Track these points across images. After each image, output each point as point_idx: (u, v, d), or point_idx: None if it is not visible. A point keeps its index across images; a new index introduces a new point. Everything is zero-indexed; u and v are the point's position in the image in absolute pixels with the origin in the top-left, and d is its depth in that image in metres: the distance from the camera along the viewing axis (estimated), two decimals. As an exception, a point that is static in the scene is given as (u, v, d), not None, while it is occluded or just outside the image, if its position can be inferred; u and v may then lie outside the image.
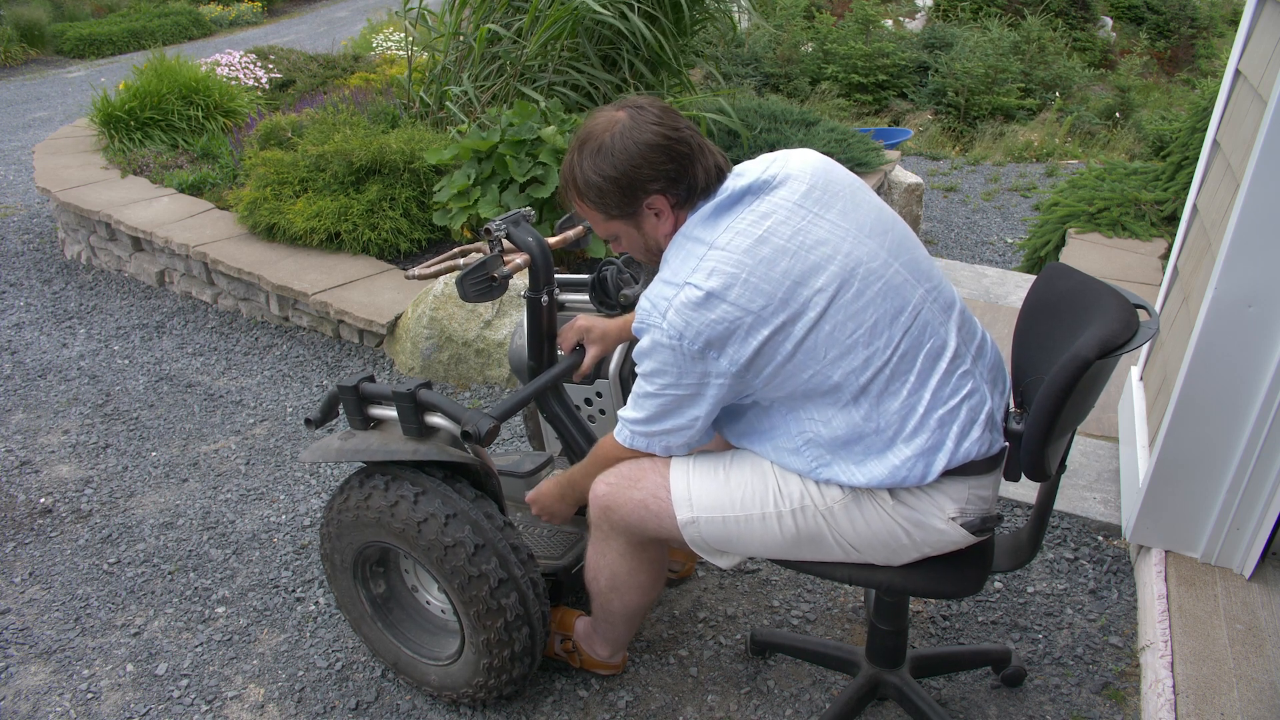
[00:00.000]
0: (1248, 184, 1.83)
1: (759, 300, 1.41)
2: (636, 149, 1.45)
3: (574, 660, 2.01)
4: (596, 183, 1.48)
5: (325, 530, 1.91)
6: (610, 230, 1.56)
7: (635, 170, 1.46)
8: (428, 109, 4.80)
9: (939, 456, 1.45)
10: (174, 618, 2.31)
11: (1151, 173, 4.67)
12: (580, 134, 1.50)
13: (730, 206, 1.48)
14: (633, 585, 1.75)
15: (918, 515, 1.49)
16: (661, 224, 1.52)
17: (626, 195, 1.48)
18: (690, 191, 1.48)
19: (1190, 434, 2.06)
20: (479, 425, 1.66)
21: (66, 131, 5.84)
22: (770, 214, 1.46)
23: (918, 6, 11.02)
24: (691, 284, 1.42)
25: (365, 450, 1.76)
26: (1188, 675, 1.88)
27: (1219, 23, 11.82)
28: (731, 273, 1.41)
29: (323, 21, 13.47)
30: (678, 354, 1.44)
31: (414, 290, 3.62)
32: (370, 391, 1.79)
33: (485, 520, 1.75)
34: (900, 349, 1.44)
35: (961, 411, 1.46)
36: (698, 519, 1.58)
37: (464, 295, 1.78)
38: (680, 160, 1.46)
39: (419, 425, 1.73)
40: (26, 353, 3.78)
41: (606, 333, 1.95)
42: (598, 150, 1.47)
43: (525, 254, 1.87)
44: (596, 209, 1.53)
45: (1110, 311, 1.40)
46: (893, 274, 1.47)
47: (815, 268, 1.43)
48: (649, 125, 1.46)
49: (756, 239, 1.44)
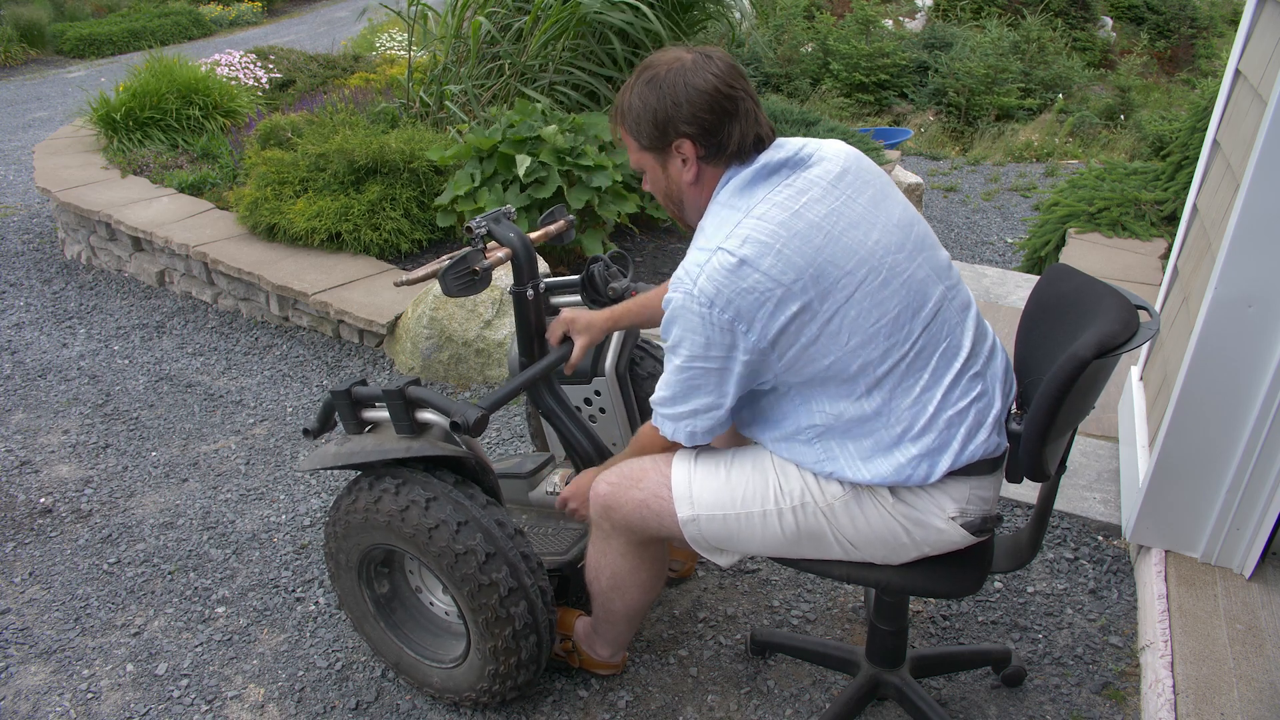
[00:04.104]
0: (1248, 184, 1.83)
1: (790, 273, 1.40)
2: (684, 90, 1.46)
3: (573, 660, 2.01)
4: (637, 109, 1.51)
5: (331, 529, 1.91)
6: (640, 161, 1.58)
7: (675, 108, 1.47)
8: (428, 109, 4.80)
9: (944, 457, 1.45)
10: (174, 618, 2.31)
11: (1151, 173, 4.67)
12: (645, 62, 1.53)
13: (766, 177, 1.48)
14: (634, 584, 1.76)
15: (918, 514, 1.49)
16: (685, 171, 1.53)
17: (659, 130, 1.50)
18: (719, 149, 1.49)
19: (1190, 434, 2.06)
20: (467, 415, 1.67)
21: (66, 131, 5.84)
22: (806, 190, 1.46)
23: (918, 6, 11.02)
24: (724, 249, 1.42)
25: (360, 452, 1.76)
26: (1188, 675, 1.88)
27: (1219, 23, 11.82)
28: (765, 242, 1.41)
29: (323, 21, 13.47)
30: (706, 322, 1.43)
31: (414, 290, 3.62)
32: (362, 395, 1.79)
33: (497, 528, 1.74)
34: (918, 345, 1.45)
35: (970, 414, 1.46)
36: (698, 516, 1.58)
37: (446, 290, 1.79)
38: (721, 115, 1.47)
39: (411, 422, 1.74)
40: (26, 353, 3.78)
41: (592, 322, 1.96)
42: (650, 80, 1.49)
43: (506, 248, 1.90)
44: (631, 135, 1.55)
45: (1110, 312, 1.40)
46: (916, 268, 1.47)
47: (846, 250, 1.43)
48: (707, 73, 1.47)
49: (792, 212, 1.43)
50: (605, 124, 4.01)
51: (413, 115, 4.77)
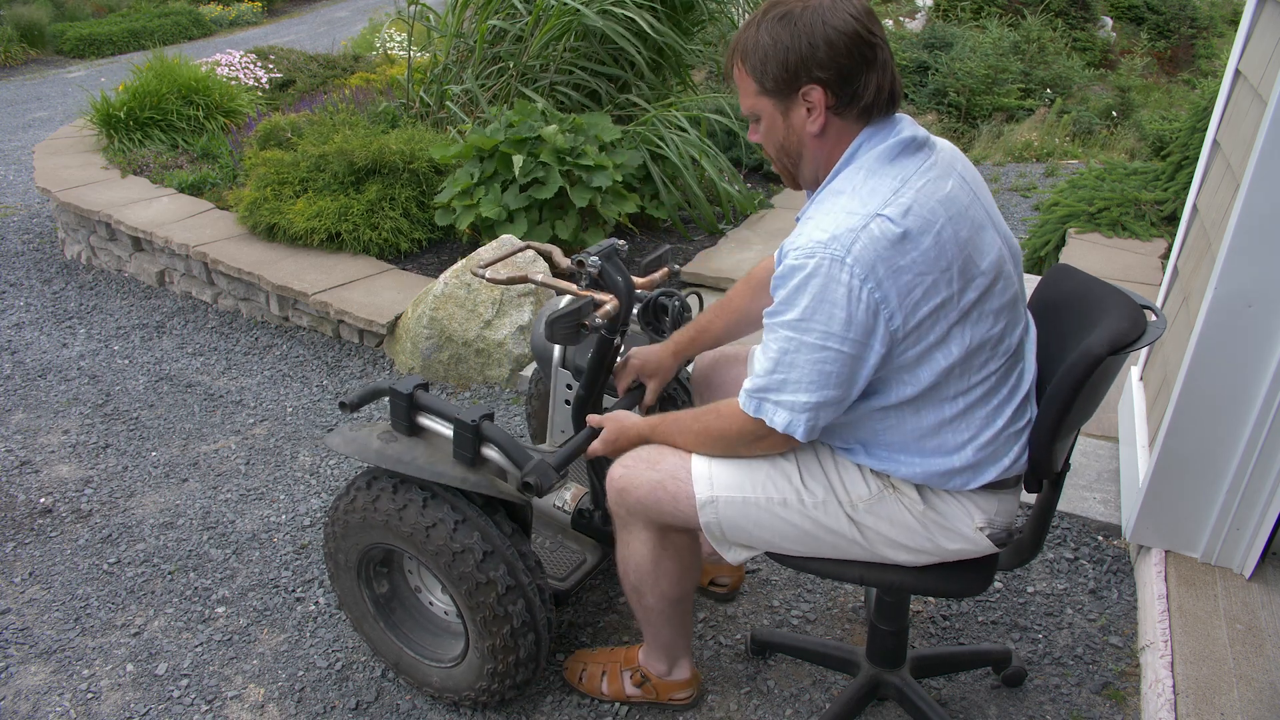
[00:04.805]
0: (1248, 184, 1.83)
1: (944, 259, 1.29)
2: (822, 29, 1.31)
3: (649, 692, 1.91)
4: (765, 46, 1.34)
5: (329, 529, 1.91)
6: (755, 107, 1.41)
7: (811, 50, 1.31)
8: (428, 109, 4.80)
9: (988, 470, 1.45)
10: (174, 618, 2.31)
11: (1151, 173, 4.67)
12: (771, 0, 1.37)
13: (914, 152, 1.36)
14: (660, 574, 1.67)
15: (945, 521, 1.48)
16: (810, 122, 1.36)
17: (789, 72, 1.33)
18: (852, 100, 1.34)
19: (1190, 434, 2.06)
20: (542, 480, 1.61)
21: (66, 131, 5.84)
22: (947, 175, 1.35)
23: (918, 6, 11.01)
24: (886, 216, 1.27)
25: (410, 464, 1.71)
26: (1188, 675, 1.88)
27: (1219, 23, 11.82)
28: (928, 219, 1.29)
29: (323, 21, 13.47)
30: (853, 297, 1.27)
31: (414, 290, 3.63)
32: (427, 404, 1.74)
33: (493, 527, 1.74)
34: (1010, 361, 1.42)
35: (1022, 437, 1.46)
36: (717, 499, 1.51)
37: (550, 337, 1.68)
38: (860, 61, 1.32)
39: (474, 455, 1.70)
40: (26, 353, 3.77)
41: (662, 363, 1.85)
42: (782, 16, 1.33)
43: (614, 296, 1.75)
44: (753, 76, 1.37)
45: (1119, 309, 1.41)
46: (1020, 283, 1.43)
47: (981, 249, 1.34)
48: (845, 12, 1.32)
49: (946, 194, 1.32)
50: (605, 123, 4.01)
51: (413, 115, 4.77)
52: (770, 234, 4.31)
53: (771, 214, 4.57)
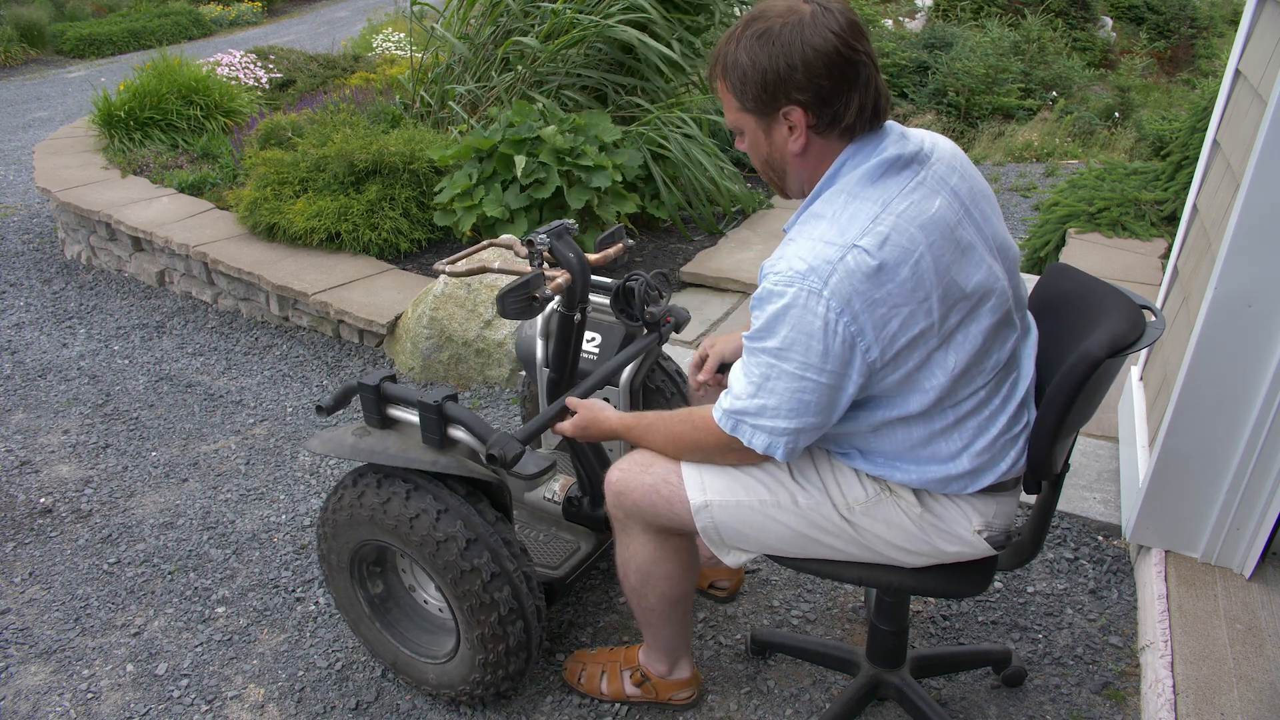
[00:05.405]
0: (1248, 184, 1.83)
1: (922, 289, 1.27)
2: (800, 49, 1.27)
3: (648, 692, 1.91)
4: (744, 66, 1.32)
5: (321, 531, 1.92)
6: (738, 122, 1.40)
7: (789, 71, 1.28)
8: (429, 109, 4.80)
9: (987, 475, 1.45)
10: (174, 618, 2.31)
11: (1151, 173, 4.67)
12: (753, 11, 1.34)
13: (898, 171, 1.33)
14: (659, 575, 1.67)
15: (943, 524, 1.48)
16: (792, 141, 1.35)
17: (767, 93, 1.31)
18: (834, 121, 1.32)
19: (1190, 434, 2.06)
20: (505, 450, 1.63)
21: (66, 131, 5.84)
22: (936, 192, 1.33)
23: (918, 6, 11.01)
24: (862, 248, 1.26)
25: (382, 454, 1.74)
26: (1188, 675, 1.88)
27: (1219, 23, 11.81)
28: (906, 247, 1.26)
29: (323, 21, 13.47)
30: (829, 330, 1.26)
31: (414, 290, 3.62)
32: (393, 393, 1.77)
33: (476, 515, 1.75)
34: (1002, 371, 1.42)
35: (1020, 440, 1.46)
36: (711, 503, 1.52)
37: (503, 312, 1.72)
38: (841, 81, 1.29)
39: (441, 437, 1.72)
40: (26, 353, 3.77)
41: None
42: (761, 34, 1.30)
43: (565, 271, 1.81)
44: (733, 93, 1.36)
45: (1119, 310, 1.41)
46: (1013, 292, 1.42)
47: (967, 271, 1.32)
48: (827, 30, 1.28)
49: (929, 217, 1.29)
50: (605, 124, 4.01)
51: (414, 115, 4.77)
52: (770, 234, 4.31)
53: (771, 214, 4.58)
